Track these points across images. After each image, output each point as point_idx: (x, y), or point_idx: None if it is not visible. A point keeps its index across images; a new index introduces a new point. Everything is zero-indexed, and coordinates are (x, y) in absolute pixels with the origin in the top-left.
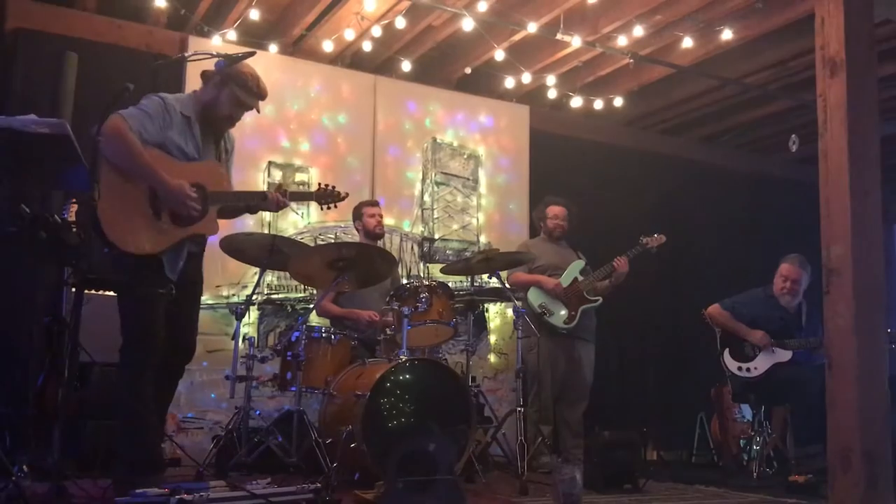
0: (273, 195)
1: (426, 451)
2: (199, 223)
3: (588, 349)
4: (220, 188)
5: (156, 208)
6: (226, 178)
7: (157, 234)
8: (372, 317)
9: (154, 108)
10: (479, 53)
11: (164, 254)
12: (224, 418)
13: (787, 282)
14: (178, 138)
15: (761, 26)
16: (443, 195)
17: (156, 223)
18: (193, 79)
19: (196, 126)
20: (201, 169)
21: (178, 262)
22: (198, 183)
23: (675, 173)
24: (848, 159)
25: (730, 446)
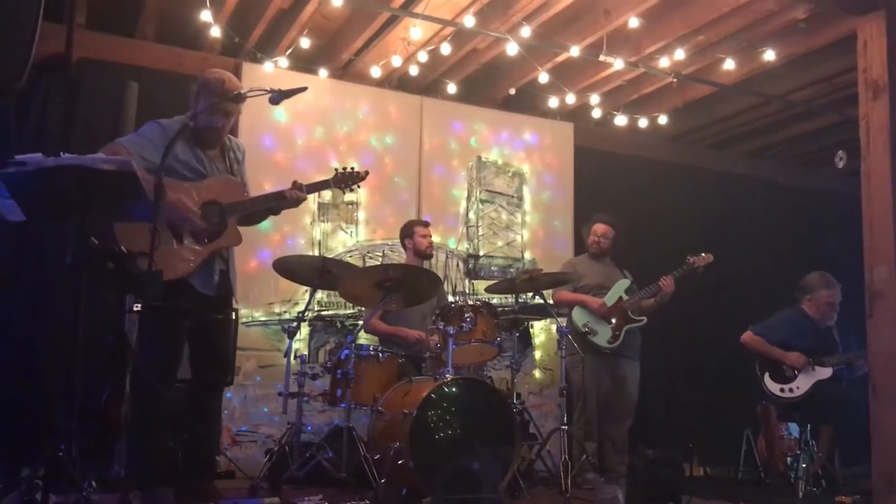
0: (290, 192)
1: (471, 469)
2: (221, 237)
3: (633, 367)
4: (237, 199)
5: (177, 234)
6: (241, 187)
7: (182, 258)
8: (420, 336)
9: (153, 133)
10: (522, 74)
11: (193, 275)
12: (276, 432)
13: (830, 309)
14: (184, 156)
15: (804, 44)
16: (488, 212)
17: (180, 248)
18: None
19: (194, 143)
20: (214, 184)
21: (211, 278)
22: (212, 199)
23: (720, 188)
24: (891, 181)
25: (776, 464)
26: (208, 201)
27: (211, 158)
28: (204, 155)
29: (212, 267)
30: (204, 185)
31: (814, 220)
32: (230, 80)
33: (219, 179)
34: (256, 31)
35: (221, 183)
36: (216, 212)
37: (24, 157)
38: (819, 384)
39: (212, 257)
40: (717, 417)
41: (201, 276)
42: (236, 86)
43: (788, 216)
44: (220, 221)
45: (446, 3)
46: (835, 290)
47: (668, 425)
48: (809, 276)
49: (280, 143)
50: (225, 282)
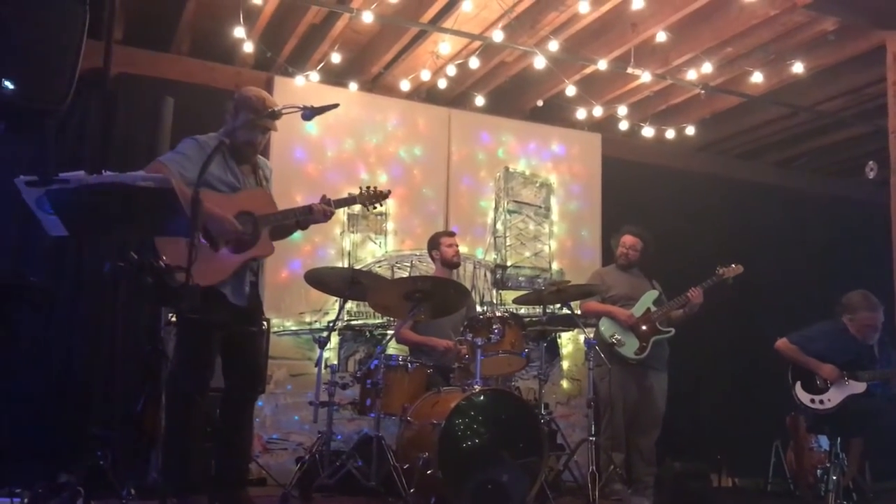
0: (318, 206)
1: (499, 481)
2: (254, 247)
3: (660, 378)
4: (268, 211)
5: (212, 241)
6: (272, 200)
7: (217, 265)
8: (448, 345)
9: (190, 149)
10: (550, 86)
11: (226, 284)
12: (307, 440)
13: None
14: (218, 172)
15: (833, 56)
16: (515, 223)
17: (214, 256)
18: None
19: (230, 158)
20: (247, 197)
21: (242, 289)
22: (246, 210)
23: (748, 198)
24: None
25: (806, 476)
26: (242, 212)
27: (244, 173)
28: (238, 169)
29: (243, 278)
30: (238, 197)
31: (843, 230)
32: (268, 97)
33: (252, 192)
34: (288, 45)
35: (254, 195)
36: (249, 222)
37: (68, 175)
38: (851, 398)
39: (244, 268)
40: (745, 428)
41: (233, 287)
42: (273, 103)
43: (817, 226)
44: (252, 231)
45: (475, 17)
46: (877, 312)
47: (696, 436)
48: (852, 295)
49: (311, 156)
50: (255, 294)
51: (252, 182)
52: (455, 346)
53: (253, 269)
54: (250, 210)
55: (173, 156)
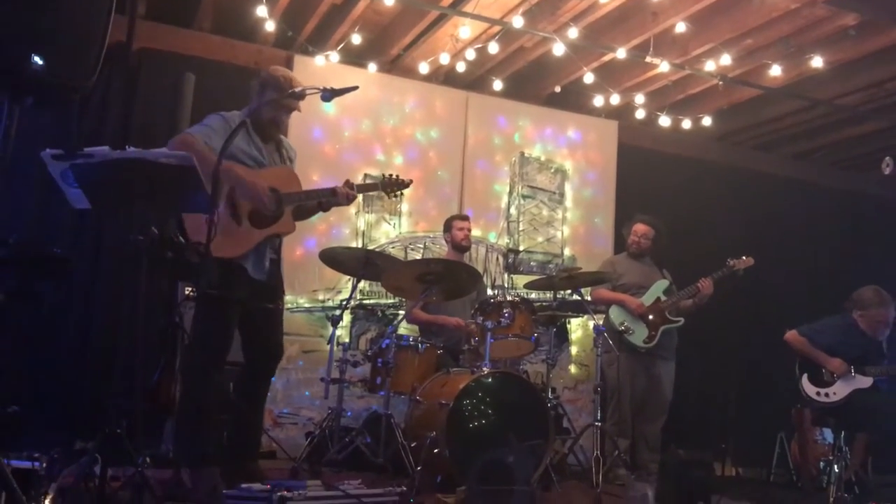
0: (341, 189)
1: (505, 461)
2: (277, 224)
3: (668, 366)
4: (293, 189)
5: (235, 215)
6: (297, 180)
7: (238, 238)
8: (458, 323)
9: (216, 123)
10: (568, 72)
11: (247, 257)
12: (317, 415)
13: (882, 325)
14: (244, 146)
15: (854, 51)
16: (529, 208)
17: (237, 228)
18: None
19: (254, 135)
20: (273, 173)
21: (263, 264)
22: (272, 186)
23: (764, 189)
24: None
25: (809, 468)
26: (269, 187)
27: (268, 151)
28: (263, 147)
29: (264, 253)
30: (264, 173)
31: (858, 224)
32: (295, 77)
33: (278, 169)
34: (309, 25)
35: (280, 172)
36: (274, 199)
37: (93, 150)
38: (857, 392)
39: (264, 243)
40: (751, 419)
41: (254, 262)
42: (299, 83)
43: (832, 220)
44: (276, 208)
45: (495, 2)
46: (889, 308)
47: (702, 425)
48: (863, 291)
49: (328, 135)
50: (276, 271)
51: (276, 160)
52: (466, 325)
53: (274, 246)
54: (276, 186)
55: (200, 128)
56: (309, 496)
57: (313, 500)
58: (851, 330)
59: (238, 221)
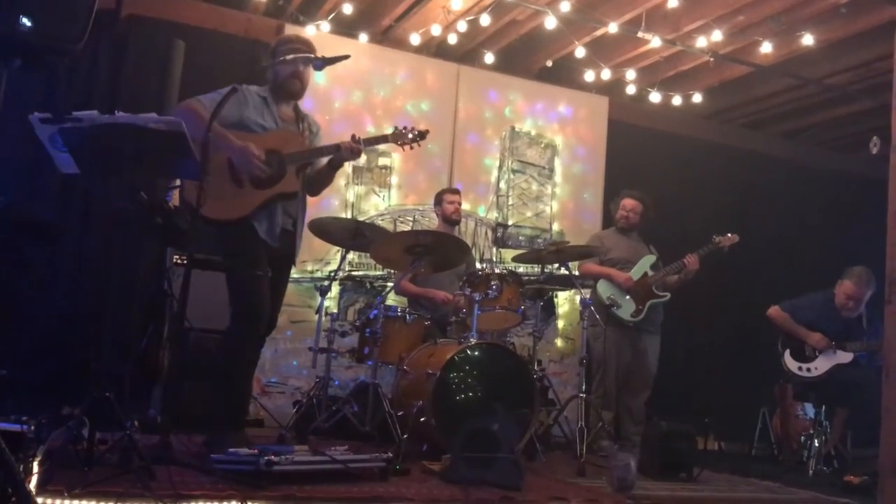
0: (345, 143)
1: (490, 430)
2: (280, 183)
3: (654, 340)
4: (295, 150)
5: (236, 178)
6: (301, 141)
7: (241, 200)
8: (446, 297)
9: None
10: (560, 46)
11: (259, 218)
12: (304, 384)
13: (850, 300)
14: (254, 115)
15: (845, 30)
16: (518, 182)
17: (239, 191)
18: None
19: (274, 106)
20: (275, 136)
21: (274, 227)
22: (272, 148)
23: (752, 168)
24: None
25: (790, 442)
26: (269, 150)
27: (285, 119)
28: (279, 114)
29: (274, 216)
30: (266, 136)
31: (845, 204)
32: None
33: (282, 132)
34: None
35: (284, 135)
36: (276, 160)
37: (81, 114)
38: (838, 367)
39: (275, 207)
40: (734, 394)
41: (267, 225)
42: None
43: (819, 199)
44: (279, 169)
45: None
46: (859, 286)
47: (686, 400)
48: (854, 267)
49: (318, 106)
50: (289, 240)
51: (293, 127)
52: (453, 299)
53: (290, 213)
54: (277, 148)
55: (212, 95)
56: (296, 460)
57: (300, 465)
58: (832, 306)
59: (240, 184)
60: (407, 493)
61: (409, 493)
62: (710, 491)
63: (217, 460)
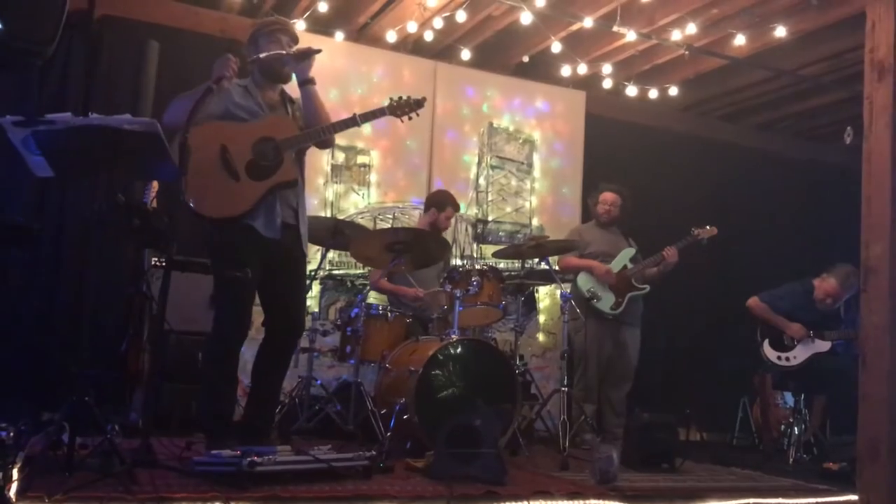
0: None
1: (472, 425)
2: (278, 172)
3: (634, 333)
4: (289, 135)
5: (231, 170)
6: (292, 125)
7: (239, 194)
8: (416, 293)
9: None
10: (537, 41)
11: (255, 216)
12: (287, 385)
13: (828, 298)
14: (240, 101)
15: (816, 21)
16: (497, 178)
17: (235, 185)
18: None
19: (257, 92)
20: (267, 123)
21: (274, 221)
22: (265, 135)
23: (729, 159)
24: (891, 161)
25: (770, 431)
26: (263, 138)
27: (271, 106)
28: (263, 99)
29: (273, 209)
30: (258, 124)
31: (820, 194)
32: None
33: (274, 118)
34: None
35: (276, 121)
36: (271, 148)
37: (54, 116)
38: (816, 356)
39: (273, 199)
40: (715, 385)
41: (264, 220)
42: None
43: (795, 189)
44: (275, 157)
45: None
46: (842, 287)
47: (667, 391)
48: (843, 265)
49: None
50: (293, 234)
51: (281, 113)
52: (423, 295)
53: (290, 204)
54: (271, 135)
55: (191, 91)
56: (279, 461)
57: (283, 465)
58: (808, 296)
59: (236, 178)
60: (391, 491)
61: (393, 491)
62: (691, 481)
63: (199, 462)
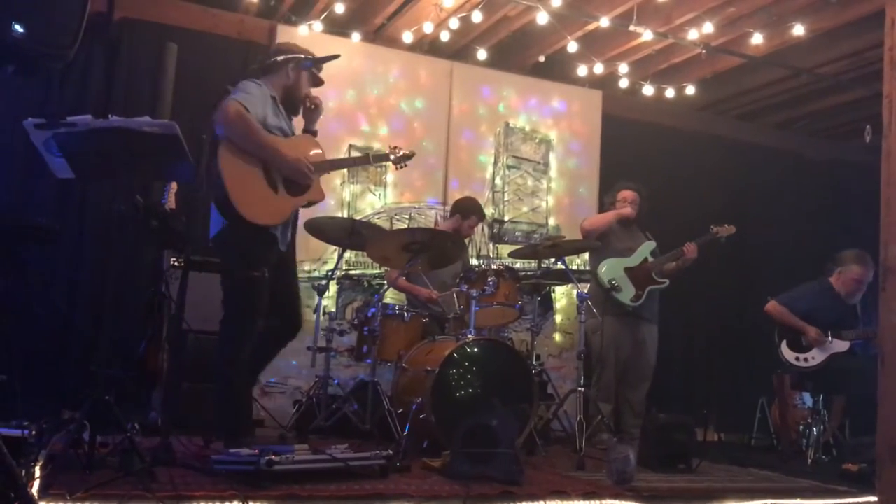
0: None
1: (489, 425)
2: (309, 192)
3: (652, 330)
4: (319, 158)
5: (272, 182)
6: (319, 146)
7: (277, 206)
8: (430, 295)
9: (257, 92)
10: (553, 41)
11: (279, 227)
12: (304, 384)
13: (860, 284)
14: (273, 118)
15: (835, 19)
16: (514, 178)
17: (275, 196)
18: None
19: (281, 107)
20: (297, 142)
21: (287, 234)
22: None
23: (747, 159)
24: None
25: (789, 432)
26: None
27: (288, 123)
28: (288, 119)
29: (289, 226)
30: (290, 142)
31: (840, 192)
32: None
33: (301, 137)
34: None
35: (304, 141)
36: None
37: (75, 119)
38: (834, 356)
39: (294, 215)
40: (733, 385)
41: (282, 232)
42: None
43: (814, 188)
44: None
45: None
46: (866, 268)
47: (685, 391)
48: (846, 251)
49: None
50: (292, 243)
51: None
52: (436, 297)
53: (295, 217)
54: (305, 156)
55: (245, 95)
56: (296, 460)
57: (301, 464)
58: (826, 294)
59: (275, 189)
60: (408, 490)
61: (410, 490)
62: (708, 482)
63: (218, 461)
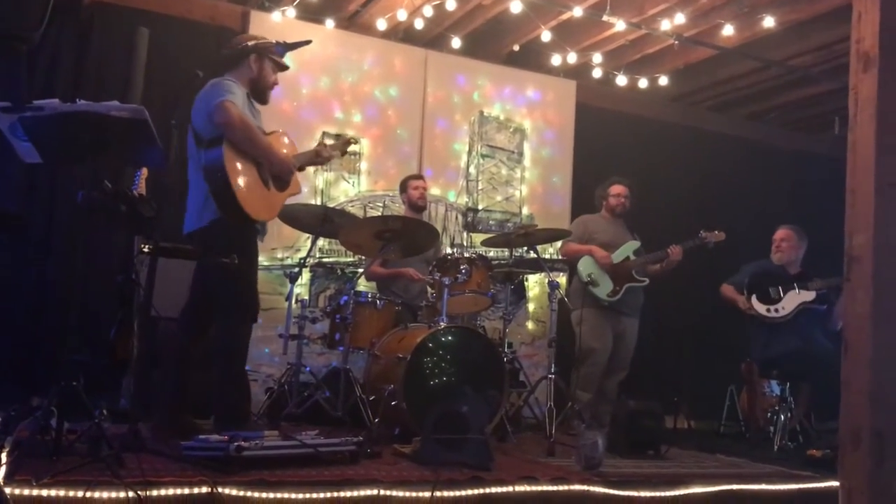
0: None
1: (460, 412)
2: (290, 185)
3: (632, 323)
4: (293, 152)
5: (264, 180)
6: (292, 142)
7: (272, 201)
8: (414, 273)
9: (239, 93)
10: (527, 31)
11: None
12: (276, 372)
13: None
14: (249, 117)
15: (806, 11)
16: (488, 167)
17: (269, 193)
18: None
19: (252, 101)
20: (275, 139)
21: (265, 227)
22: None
23: (718, 149)
24: (875, 152)
25: (757, 419)
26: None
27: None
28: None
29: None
30: (271, 139)
31: (809, 183)
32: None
33: (275, 133)
34: None
35: (277, 137)
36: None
37: (42, 103)
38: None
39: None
40: (703, 374)
41: (262, 224)
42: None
43: (784, 179)
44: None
45: None
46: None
47: (655, 380)
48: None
49: (286, 93)
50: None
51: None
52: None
53: None
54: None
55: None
56: (266, 445)
57: (270, 450)
58: (763, 264)
59: (266, 185)
60: (377, 476)
61: (380, 475)
62: (675, 467)
63: (187, 447)
